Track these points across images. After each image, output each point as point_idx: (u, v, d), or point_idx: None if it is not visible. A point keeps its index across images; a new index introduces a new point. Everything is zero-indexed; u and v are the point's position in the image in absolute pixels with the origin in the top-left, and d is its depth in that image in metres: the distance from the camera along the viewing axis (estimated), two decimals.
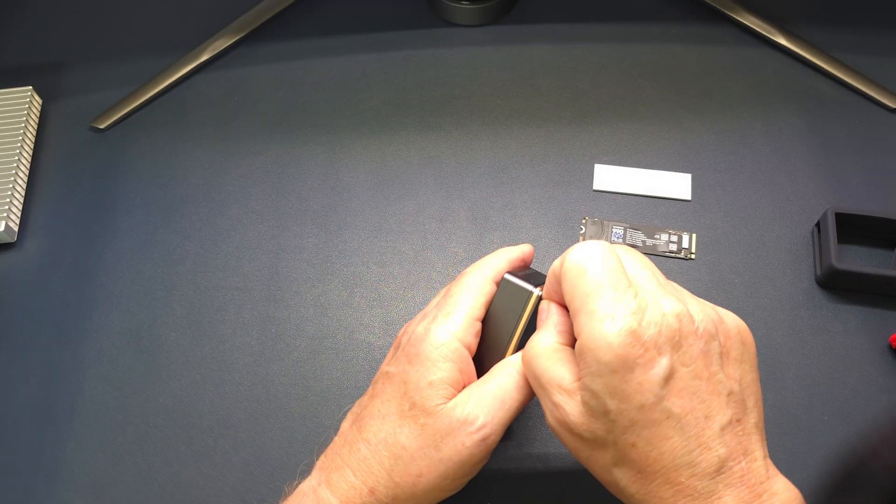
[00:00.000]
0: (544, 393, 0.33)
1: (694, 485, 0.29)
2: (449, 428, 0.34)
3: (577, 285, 0.31)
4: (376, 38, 0.63)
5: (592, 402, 0.30)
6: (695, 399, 0.29)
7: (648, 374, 0.29)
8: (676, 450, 0.29)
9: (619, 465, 0.31)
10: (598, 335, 0.29)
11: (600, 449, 0.31)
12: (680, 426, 0.29)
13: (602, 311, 0.30)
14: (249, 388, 0.47)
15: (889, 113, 0.57)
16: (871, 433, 0.44)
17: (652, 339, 0.29)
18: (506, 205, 0.54)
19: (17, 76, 0.61)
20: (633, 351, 0.29)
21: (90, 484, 0.44)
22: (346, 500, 0.35)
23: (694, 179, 0.55)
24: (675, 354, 0.29)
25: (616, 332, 0.29)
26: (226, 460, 0.44)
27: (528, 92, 0.60)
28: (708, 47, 0.62)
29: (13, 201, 0.53)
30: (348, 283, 0.51)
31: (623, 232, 0.52)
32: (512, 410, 0.35)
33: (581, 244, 0.32)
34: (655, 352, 0.29)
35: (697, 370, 0.30)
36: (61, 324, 0.50)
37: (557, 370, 0.32)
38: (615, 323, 0.29)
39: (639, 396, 0.29)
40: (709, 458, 0.29)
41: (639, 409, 0.29)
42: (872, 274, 0.47)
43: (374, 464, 0.35)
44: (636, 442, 0.30)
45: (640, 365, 0.29)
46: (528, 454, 0.44)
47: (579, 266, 0.31)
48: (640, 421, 0.29)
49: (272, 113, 0.59)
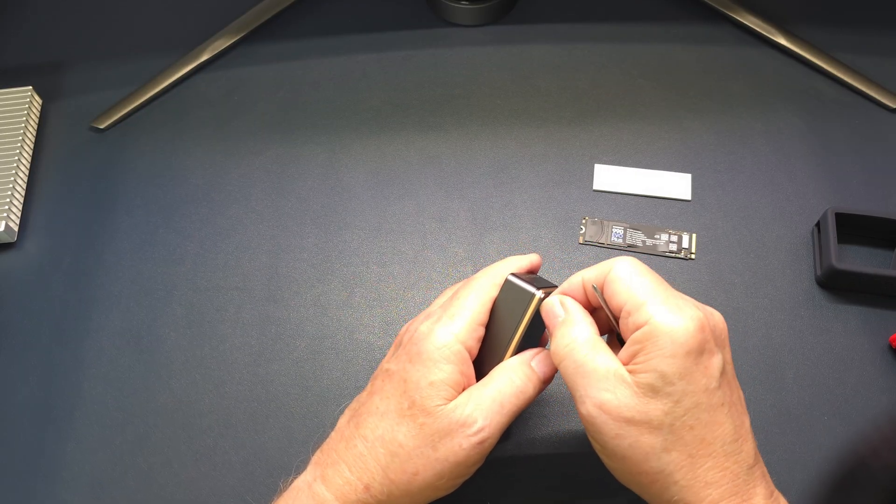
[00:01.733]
0: (587, 381, 0.33)
1: (738, 471, 0.31)
2: (447, 429, 0.34)
3: (635, 283, 0.33)
4: (376, 38, 0.63)
5: (658, 383, 0.31)
6: (735, 394, 0.33)
7: (713, 360, 0.32)
8: (727, 436, 0.31)
9: (671, 448, 0.31)
10: (676, 320, 0.31)
11: (651, 433, 0.31)
12: (730, 414, 0.32)
13: (672, 304, 0.32)
14: (249, 387, 0.47)
15: (889, 113, 0.57)
16: (871, 433, 0.44)
17: (713, 332, 0.32)
18: (506, 205, 0.54)
19: (17, 76, 0.61)
20: (703, 337, 0.31)
21: (90, 484, 0.44)
22: (342, 495, 0.35)
23: (694, 179, 0.55)
24: (724, 351, 0.33)
25: (692, 318, 0.31)
26: (225, 460, 0.44)
27: (528, 92, 0.60)
28: (708, 47, 0.62)
29: (13, 201, 0.53)
30: (348, 283, 0.51)
31: (623, 232, 0.52)
32: (510, 414, 0.35)
33: (621, 258, 0.35)
34: (715, 343, 0.32)
35: (733, 369, 0.33)
36: (61, 324, 0.50)
37: (602, 358, 0.33)
38: (689, 312, 0.32)
39: (705, 380, 0.31)
40: (748, 449, 0.32)
41: (704, 392, 0.31)
42: (872, 274, 0.47)
43: (370, 460, 0.35)
44: (694, 425, 0.31)
45: (707, 351, 0.31)
46: (527, 454, 0.44)
47: (634, 269, 0.34)
48: (702, 403, 0.31)
49: (272, 113, 0.59)
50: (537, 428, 0.45)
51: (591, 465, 0.44)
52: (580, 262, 0.51)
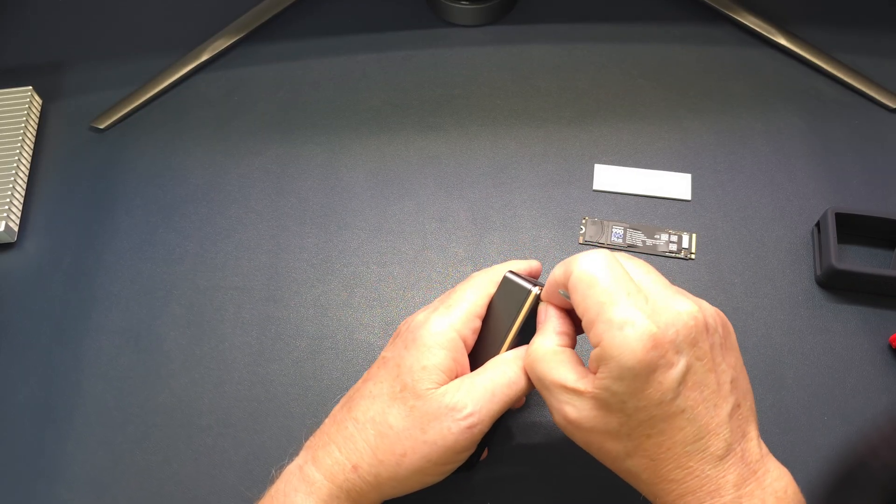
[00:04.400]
0: (549, 394, 0.34)
1: (702, 467, 0.31)
2: (437, 412, 0.35)
3: (589, 295, 0.32)
4: (376, 38, 0.63)
5: (612, 400, 0.31)
6: (706, 391, 0.32)
7: (668, 374, 0.31)
8: (688, 438, 0.31)
9: (632, 455, 0.32)
10: (620, 342, 0.30)
11: (613, 440, 0.33)
12: (693, 417, 0.31)
13: (620, 318, 0.31)
14: (249, 387, 0.47)
15: (889, 113, 0.57)
16: (871, 433, 0.44)
17: (671, 340, 0.31)
18: (506, 205, 0.54)
19: (17, 76, 0.61)
20: (654, 354, 0.30)
21: (90, 483, 0.44)
22: (331, 475, 0.35)
23: (694, 179, 0.55)
24: (692, 351, 0.31)
25: (637, 337, 0.30)
26: (225, 459, 0.44)
27: (527, 92, 0.60)
28: (708, 47, 0.62)
29: (13, 201, 0.53)
30: (348, 283, 0.51)
31: (623, 232, 0.52)
32: (501, 404, 0.35)
33: (584, 254, 0.34)
34: (674, 352, 0.31)
35: (708, 364, 0.32)
36: (61, 324, 0.50)
37: (561, 371, 0.34)
38: (635, 329, 0.30)
39: (658, 395, 0.31)
40: (717, 444, 0.31)
41: (657, 406, 0.31)
42: (872, 274, 0.47)
43: (359, 441, 0.36)
44: (651, 434, 0.31)
45: (661, 367, 0.31)
46: (527, 454, 0.44)
47: (589, 276, 0.33)
48: (657, 416, 0.31)
49: (272, 113, 0.59)
50: (537, 428, 0.45)
51: (590, 465, 0.44)
52: None
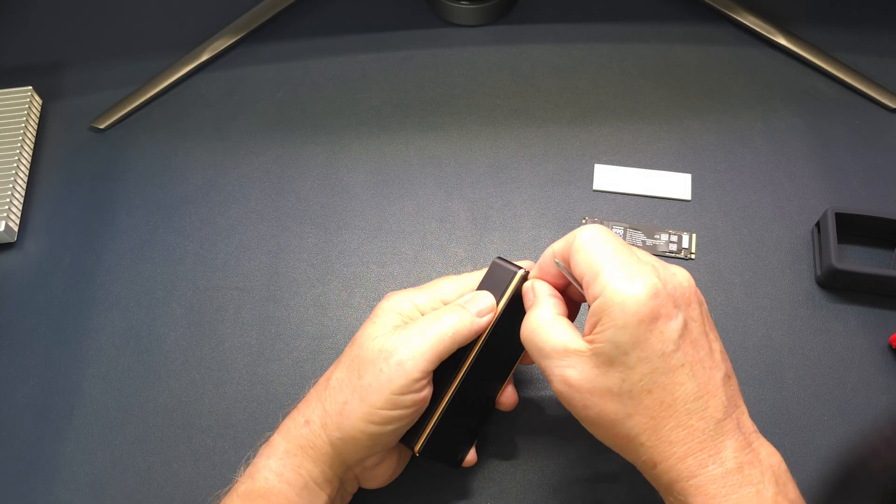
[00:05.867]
0: (549, 361, 0.34)
1: (703, 427, 0.31)
2: (370, 357, 0.36)
3: (594, 252, 0.34)
4: (376, 38, 0.63)
5: (613, 352, 0.32)
6: (701, 351, 0.33)
7: (669, 324, 0.32)
8: (689, 395, 0.32)
9: (633, 415, 0.32)
10: (627, 290, 0.32)
11: (614, 401, 0.33)
12: (692, 373, 0.32)
13: (626, 271, 0.32)
14: (249, 388, 0.47)
15: (889, 113, 0.57)
16: (871, 433, 0.44)
17: (670, 295, 0.32)
18: (506, 205, 0.54)
19: (17, 76, 0.61)
20: (657, 303, 0.31)
21: (90, 484, 0.44)
22: (288, 434, 0.38)
23: (694, 179, 0.55)
24: (687, 310, 0.33)
25: (643, 286, 0.32)
26: (225, 460, 0.44)
27: (527, 92, 0.60)
28: (708, 47, 0.62)
29: (13, 201, 0.53)
30: (348, 283, 0.51)
31: (623, 232, 0.52)
32: (435, 342, 0.36)
33: (585, 226, 0.35)
34: (673, 306, 0.32)
35: (701, 328, 0.33)
36: (61, 324, 0.50)
37: (561, 336, 0.34)
38: (642, 280, 0.32)
39: (660, 345, 0.31)
40: (715, 404, 0.32)
41: (659, 357, 0.31)
42: (872, 274, 0.47)
43: (312, 397, 0.38)
44: (652, 389, 0.32)
45: (663, 316, 0.32)
46: (526, 454, 0.44)
47: (593, 237, 0.34)
48: (658, 368, 0.31)
49: (272, 113, 0.59)
50: (537, 428, 0.45)
51: (591, 466, 0.44)
52: None
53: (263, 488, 0.36)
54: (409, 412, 0.36)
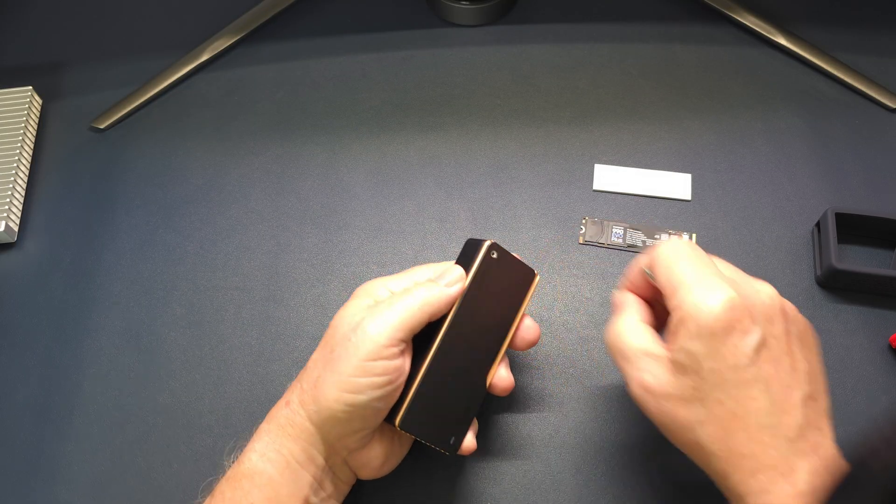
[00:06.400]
0: (629, 363, 0.36)
1: (775, 444, 0.32)
2: (342, 335, 0.37)
3: (675, 265, 0.35)
4: (376, 38, 0.63)
5: (687, 361, 0.33)
6: (780, 369, 0.33)
7: (744, 339, 0.32)
8: (761, 410, 0.32)
9: (704, 423, 0.33)
10: (702, 302, 0.33)
11: (687, 406, 0.33)
12: (767, 390, 0.32)
13: (704, 284, 0.33)
14: (249, 387, 0.47)
15: (889, 113, 0.57)
16: (871, 433, 0.44)
17: (748, 310, 0.33)
18: (506, 205, 0.54)
19: (17, 76, 0.61)
20: (732, 316, 0.32)
21: (90, 484, 0.44)
22: (270, 416, 0.39)
23: (694, 179, 0.55)
24: (768, 327, 0.33)
25: (718, 299, 0.32)
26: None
27: (527, 92, 0.60)
28: (708, 47, 0.62)
29: (13, 201, 0.53)
30: (348, 283, 0.51)
31: (623, 232, 0.52)
32: (399, 310, 0.37)
33: (667, 240, 0.37)
34: (750, 321, 0.32)
35: (783, 346, 0.33)
36: (61, 324, 0.50)
37: (643, 341, 0.36)
38: (717, 293, 0.33)
39: (733, 358, 0.32)
40: (789, 423, 0.32)
41: (731, 370, 0.32)
42: (872, 274, 0.47)
43: (295, 382, 0.39)
44: (724, 400, 0.32)
45: (738, 331, 0.32)
46: (527, 454, 0.44)
47: (676, 251, 0.36)
48: (731, 380, 0.32)
49: (272, 113, 0.59)
50: (537, 428, 0.45)
51: (591, 466, 0.44)
52: (580, 263, 0.51)
53: (248, 469, 0.37)
54: (380, 380, 0.36)
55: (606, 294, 0.50)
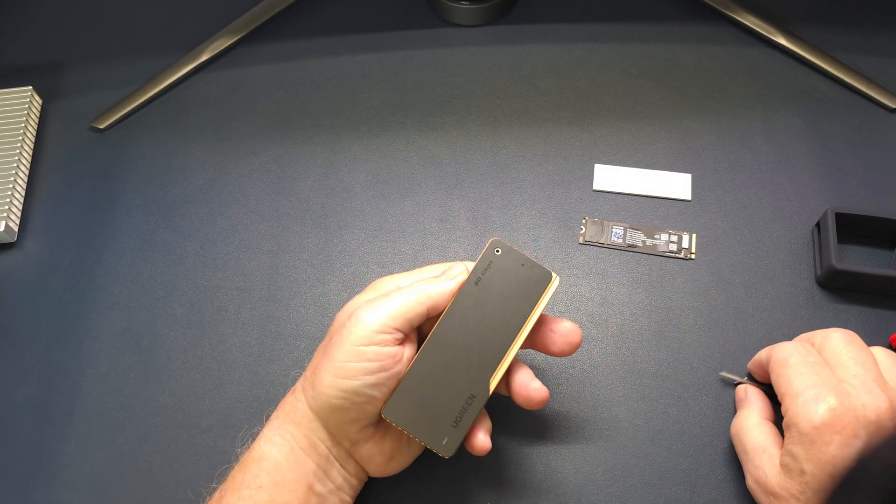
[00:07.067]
0: (748, 458, 0.40)
1: None
2: (339, 324, 0.38)
3: (782, 374, 0.39)
4: (376, 38, 0.63)
5: (792, 464, 0.36)
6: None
7: (844, 451, 0.35)
8: None
9: None
10: (801, 412, 0.36)
11: None
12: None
13: (806, 394, 0.37)
14: (249, 387, 0.47)
15: (889, 113, 0.57)
16: None
17: (849, 422, 0.35)
18: (506, 205, 0.54)
19: (17, 76, 0.61)
20: (831, 426, 0.35)
21: (90, 484, 0.44)
22: (280, 404, 0.40)
23: (694, 179, 0.55)
24: (876, 433, 0.35)
25: (816, 410, 0.36)
26: (225, 460, 0.44)
27: (527, 92, 0.60)
28: (708, 47, 0.62)
29: (13, 201, 0.53)
30: (348, 283, 0.51)
31: (623, 232, 0.52)
32: (396, 299, 0.37)
33: (781, 344, 0.41)
34: (852, 433, 0.35)
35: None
36: (61, 324, 0.50)
37: (761, 439, 0.40)
38: (817, 404, 0.36)
39: (831, 466, 0.35)
40: None
41: (831, 477, 0.34)
42: (872, 274, 0.47)
43: (302, 374, 0.40)
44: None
45: (838, 441, 0.35)
46: (526, 454, 0.44)
47: (784, 358, 0.40)
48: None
49: (272, 113, 0.59)
50: (538, 428, 0.45)
51: (591, 466, 0.44)
52: (580, 262, 0.51)
53: (257, 454, 0.38)
54: (372, 366, 0.36)
55: (606, 294, 0.50)
